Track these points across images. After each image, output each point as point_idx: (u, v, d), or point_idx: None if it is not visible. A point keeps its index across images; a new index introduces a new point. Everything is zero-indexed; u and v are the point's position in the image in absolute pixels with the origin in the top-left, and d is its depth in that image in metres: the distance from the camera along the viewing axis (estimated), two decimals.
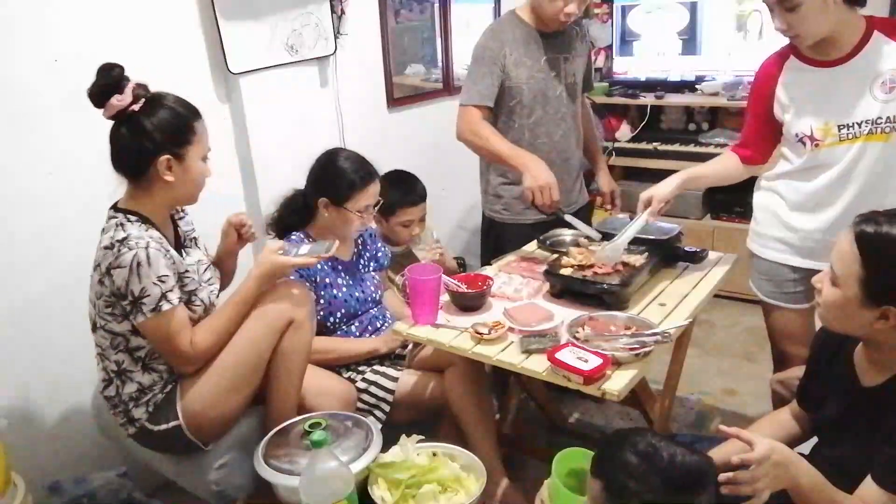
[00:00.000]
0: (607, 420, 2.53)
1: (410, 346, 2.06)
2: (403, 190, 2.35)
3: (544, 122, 2.25)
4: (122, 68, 1.53)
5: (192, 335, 1.58)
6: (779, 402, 1.80)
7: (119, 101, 1.50)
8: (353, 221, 1.96)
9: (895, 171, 1.71)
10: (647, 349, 1.52)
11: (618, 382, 1.45)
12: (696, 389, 2.71)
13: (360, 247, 2.14)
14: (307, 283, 1.90)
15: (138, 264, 1.48)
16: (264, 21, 2.35)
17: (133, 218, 1.56)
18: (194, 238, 1.79)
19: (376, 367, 2.00)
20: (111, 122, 1.55)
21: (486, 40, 2.19)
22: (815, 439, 1.46)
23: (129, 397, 1.62)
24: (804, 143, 1.75)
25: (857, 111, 1.68)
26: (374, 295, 2.11)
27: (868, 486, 1.21)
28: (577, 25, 2.30)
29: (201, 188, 1.65)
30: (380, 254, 2.20)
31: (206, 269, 1.74)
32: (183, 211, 1.79)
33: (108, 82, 1.50)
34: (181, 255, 1.66)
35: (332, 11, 2.56)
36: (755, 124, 1.88)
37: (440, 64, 3.26)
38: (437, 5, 3.16)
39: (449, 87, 3.28)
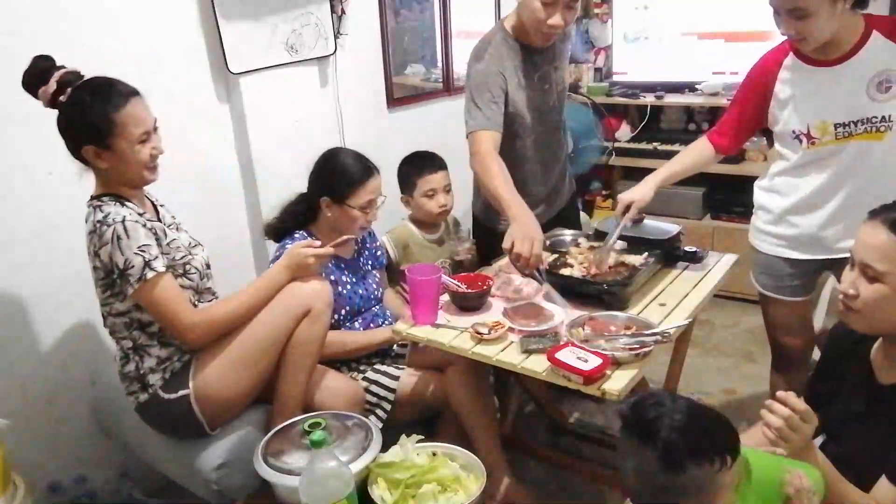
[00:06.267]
0: (607, 420, 2.53)
1: (410, 346, 2.06)
2: (419, 161, 2.35)
3: (543, 135, 2.22)
4: (49, 59, 1.55)
5: (192, 304, 1.61)
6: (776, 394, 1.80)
7: (44, 91, 1.53)
8: (357, 218, 1.97)
9: (889, 169, 1.72)
10: (647, 349, 1.52)
11: (618, 382, 1.45)
12: (696, 389, 2.71)
13: (361, 245, 2.14)
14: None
15: (118, 238, 1.51)
16: (264, 21, 2.35)
17: (106, 198, 1.59)
18: (177, 224, 1.81)
19: (377, 367, 2.00)
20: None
21: (486, 66, 2.05)
22: (819, 438, 1.46)
23: (150, 369, 1.66)
24: (800, 140, 1.77)
25: (854, 110, 1.69)
26: (376, 293, 2.12)
27: (882, 484, 1.21)
28: None
29: (146, 167, 1.61)
30: (379, 252, 2.21)
31: (193, 245, 1.77)
32: (161, 204, 1.81)
33: (33, 74, 1.54)
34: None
35: (332, 11, 2.56)
36: (740, 115, 1.91)
37: (440, 64, 3.26)
38: (437, 5, 3.16)
39: (449, 87, 3.28)
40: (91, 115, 1.52)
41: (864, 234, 1.27)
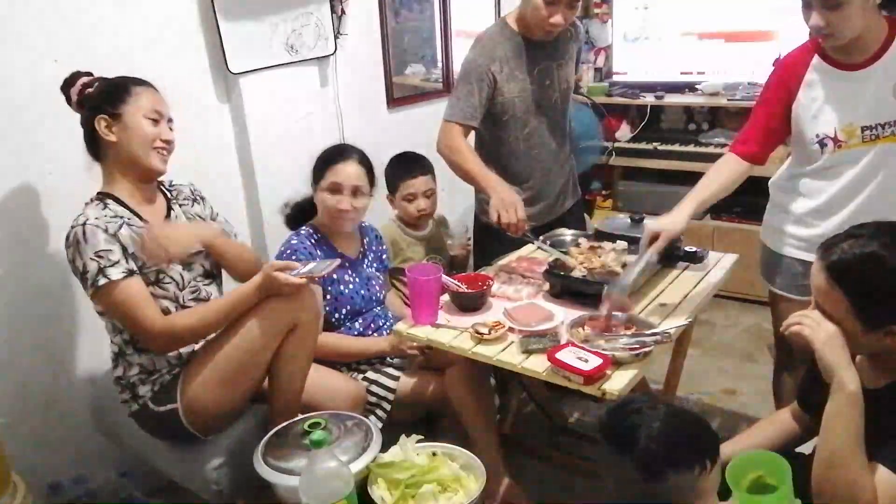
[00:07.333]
0: None
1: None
2: (403, 165, 2.37)
3: (539, 131, 2.23)
4: (81, 74, 1.67)
5: (157, 311, 1.59)
6: (780, 392, 1.79)
7: (73, 91, 1.64)
8: (326, 202, 1.96)
9: None
10: (647, 349, 1.52)
11: (618, 382, 1.45)
12: (696, 389, 2.71)
13: (366, 247, 2.14)
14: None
15: (76, 241, 1.53)
16: (264, 21, 2.35)
17: (94, 198, 1.62)
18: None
19: (377, 367, 2.00)
20: None
21: (475, 56, 2.15)
22: (814, 440, 1.46)
23: (137, 378, 1.66)
24: (825, 144, 1.75)
25: (881, 113, 1.68)
26: (378, 294, 2.12)
27: (883, 474, 1.19)
28: (572, 26, 2.26)
29: (150, 146, 1.64)
30: (384, 256, 2.21)
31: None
32: (192, 200, 1.83)
33: (69, 82, 1.66)
34: None
35: (332, 11, 2.56)
36: (767, 119, 1.82)
37: (440, 64, 3.26)
38: (437, 5, 3.16)
39: (449, 87, 3.27)
40: (112, 83, 1.65)
41: (814, 269, 1.27)
